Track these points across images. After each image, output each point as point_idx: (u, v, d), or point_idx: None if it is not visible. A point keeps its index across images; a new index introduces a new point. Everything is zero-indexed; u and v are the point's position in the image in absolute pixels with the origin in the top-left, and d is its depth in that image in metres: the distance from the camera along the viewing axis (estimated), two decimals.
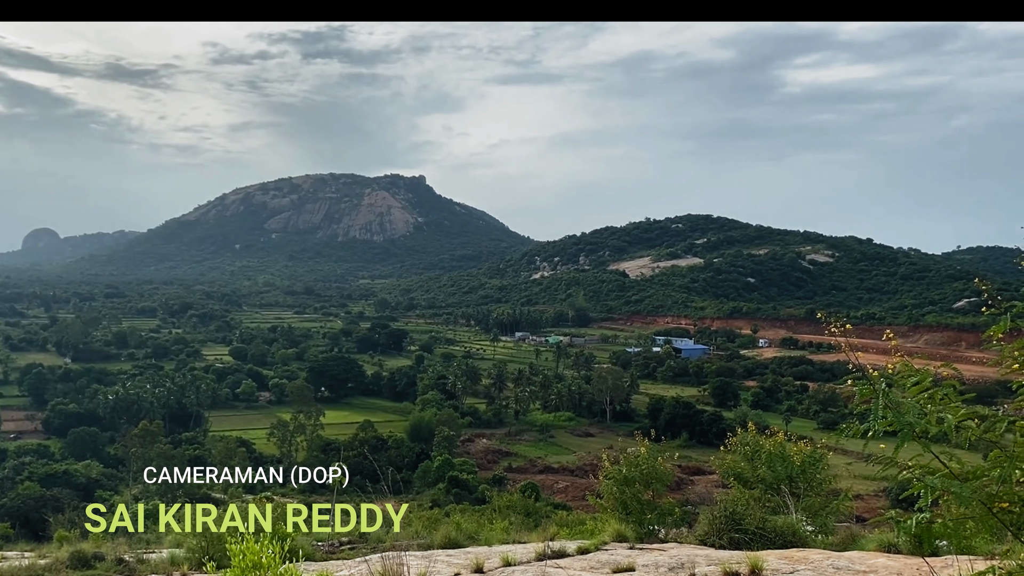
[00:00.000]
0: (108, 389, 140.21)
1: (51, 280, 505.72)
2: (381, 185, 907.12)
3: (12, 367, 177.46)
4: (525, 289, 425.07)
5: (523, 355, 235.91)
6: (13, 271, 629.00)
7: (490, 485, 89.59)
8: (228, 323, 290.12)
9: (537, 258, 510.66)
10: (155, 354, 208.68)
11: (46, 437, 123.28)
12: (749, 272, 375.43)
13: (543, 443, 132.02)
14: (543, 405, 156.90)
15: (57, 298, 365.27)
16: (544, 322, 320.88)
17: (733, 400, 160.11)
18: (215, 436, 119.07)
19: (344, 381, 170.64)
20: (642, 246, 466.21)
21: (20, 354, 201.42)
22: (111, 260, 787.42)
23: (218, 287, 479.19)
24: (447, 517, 38.23)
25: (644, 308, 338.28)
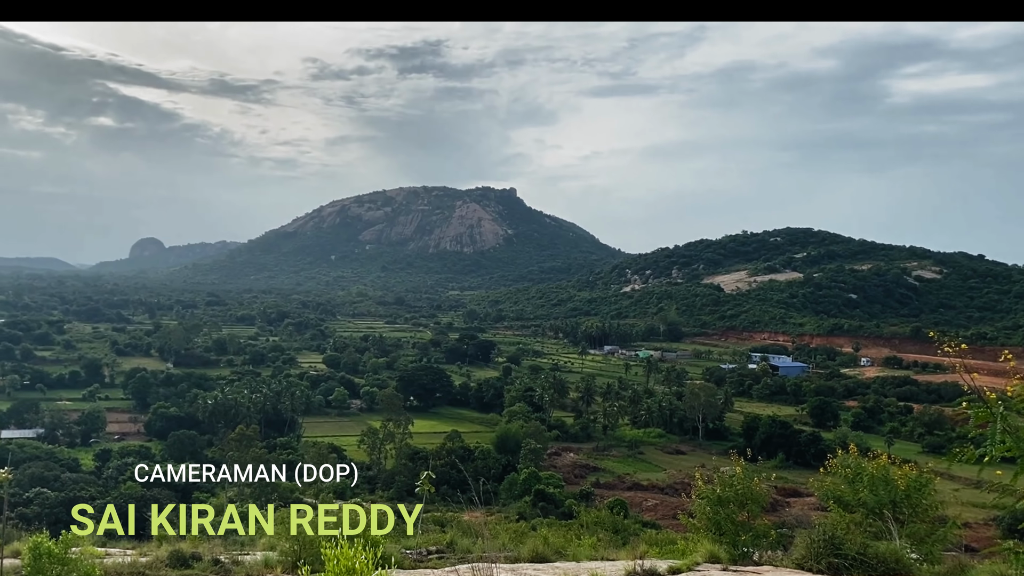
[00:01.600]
0: (207, 394, 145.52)
1: (156, 288, 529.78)
2: (472, 197, 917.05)
3: (118, 371, 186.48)
4: (615, 302, 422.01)
5: (612, 369, 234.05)
6: (121, 279, 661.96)
7: (577, 500, 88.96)
8: (322, 332, 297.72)
9: (628, 271, 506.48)
10: (253, 361, 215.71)
11: (148, 439, 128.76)
12: (851, 288, 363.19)
13: (632, 459, 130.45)
14: (632, 420, 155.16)
15: (161, 305, 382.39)
16: (634, 336, 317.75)
17: (832, 420, 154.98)
18: (308, 442, 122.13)
19: (432, 391, 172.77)
20: (738, 259, 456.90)
21: (125, 358, 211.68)
22: (213, 269, 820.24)
23: (313, 296, 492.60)
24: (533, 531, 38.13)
25: (739, 323, 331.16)
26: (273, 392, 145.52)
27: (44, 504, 73.00)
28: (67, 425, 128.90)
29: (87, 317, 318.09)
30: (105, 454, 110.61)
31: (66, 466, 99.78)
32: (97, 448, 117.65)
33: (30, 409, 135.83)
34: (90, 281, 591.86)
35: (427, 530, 29.75)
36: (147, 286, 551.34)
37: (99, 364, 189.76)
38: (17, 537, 22.01)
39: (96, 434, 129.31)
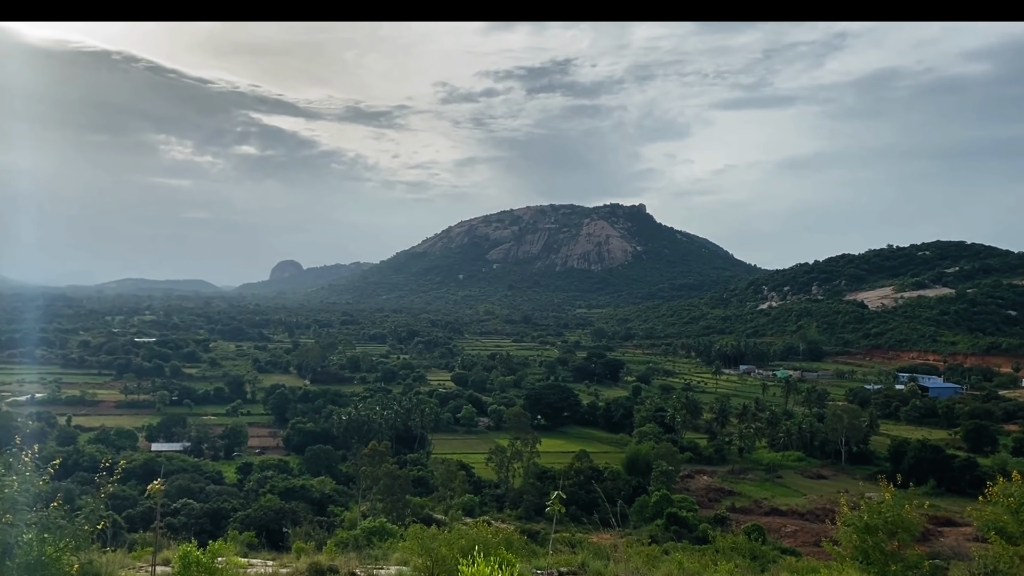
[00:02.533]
0: (342, 410, 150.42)
1: (294, 308, 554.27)
2: (600, 215, 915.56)
3: (259, 387, 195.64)
4: (751, 320, 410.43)
5: (748, 389, 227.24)
6: (262, 299, 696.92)
7: (711, 524, 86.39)
8: (451, 350, 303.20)
9: (764, 287, 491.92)
10: (384, 378, 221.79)
11: (286, 453, 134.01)
12: (1010, 304, 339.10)
13: (769, 483, 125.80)
14: (770, 443, 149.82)
15: (299, 324, 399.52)
16: (771, 355, 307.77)
17: (990, 445, 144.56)
18: (437, 458, 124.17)
19: (560, 410, 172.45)
20: (883, 275, 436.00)
21: (266, 375, 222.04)
22: (347, 289, 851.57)
23: (442, 315, 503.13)
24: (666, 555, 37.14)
25: (885, 342, 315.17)
26: (403, 409, 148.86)
27: (190, 515, 76.95)
28: (212, 439, 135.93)
29: (231, 336, 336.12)
30: (247, 467, 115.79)
31: (210, 478, 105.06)
32: (239, 461, 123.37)
33: (178, 423, 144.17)
34: (234, 302, 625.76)
35: (557, 550, 29.45)
36: (286, 306, 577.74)
37: (242, 381, 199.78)
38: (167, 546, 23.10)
39: (238, 448, 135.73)
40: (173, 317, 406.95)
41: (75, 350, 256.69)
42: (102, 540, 16.46)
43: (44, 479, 11.99)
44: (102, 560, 16.19)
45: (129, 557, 20.56)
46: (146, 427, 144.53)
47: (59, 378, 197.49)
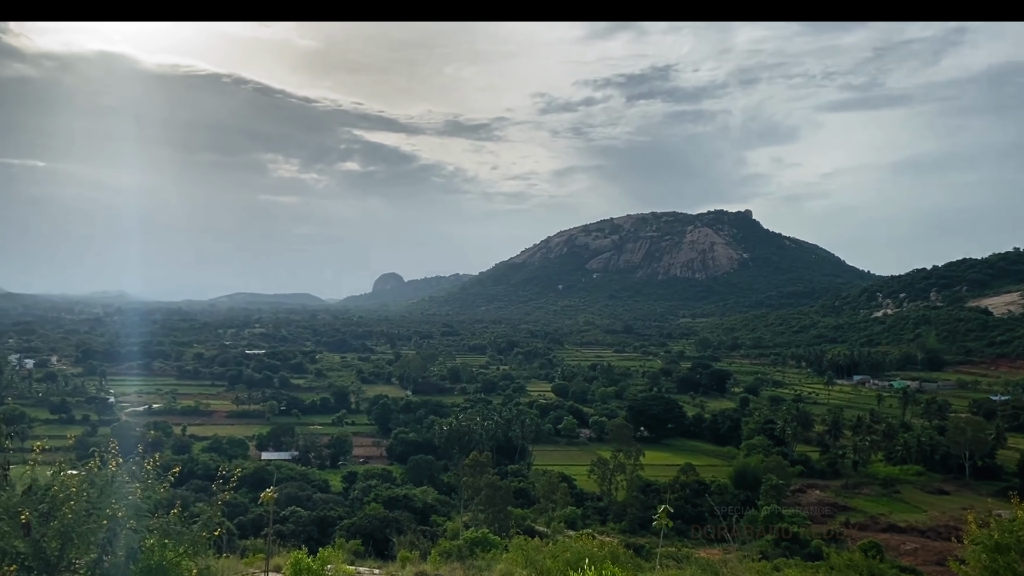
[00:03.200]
0: (443, 420, 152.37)
1: (396, 320, 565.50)
2: (704, 222, 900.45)
3: (363, 397, 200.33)
4: (864, 328, 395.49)
5: (862, 400, 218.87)
6: (365, 312, 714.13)
7: (825, 541, 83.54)
8: (550, 360, 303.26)
9: (879, 294, 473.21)
10: (484, 389, 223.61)
11: (389, 462, 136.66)
12: None
13: (886, 498, 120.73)
14: (886, 456, 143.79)
15: (401, 336, 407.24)
16: (887, 365, 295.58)
17: None
18: (538, 470, 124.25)
19: (664, 421, 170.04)
20: (1010, 280, 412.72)
21: (369, 386, 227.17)
22: (447, 301, 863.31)
23: (541, 326, 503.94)
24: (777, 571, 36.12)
25: (1012, 350, 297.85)
26: (504, 420, 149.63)
27: (298, 522, 79.31)
28: (318, 448, 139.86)
29: (336, 348, 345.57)
30: (352, 476, 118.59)
31: (317, 487, 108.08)
32: (344, 470, 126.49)
33: (286, 433, 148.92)
34: (338, 314, 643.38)
35: (664, 565, 29.03)
36: (388, 318, 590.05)
37: (346, 391, 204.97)
38: (277, 552, 23.84)
39: (343, 457, 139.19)
40: (281, 330, 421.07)
41: (190, 362, 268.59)
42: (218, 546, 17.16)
43: (164, 486, 12.61)
44: (218, 565, 16.89)
45: (242, 563, 21.35)
46: (256, 436, 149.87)
47: (175, 389, 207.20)
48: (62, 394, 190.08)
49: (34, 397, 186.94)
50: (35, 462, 12.36)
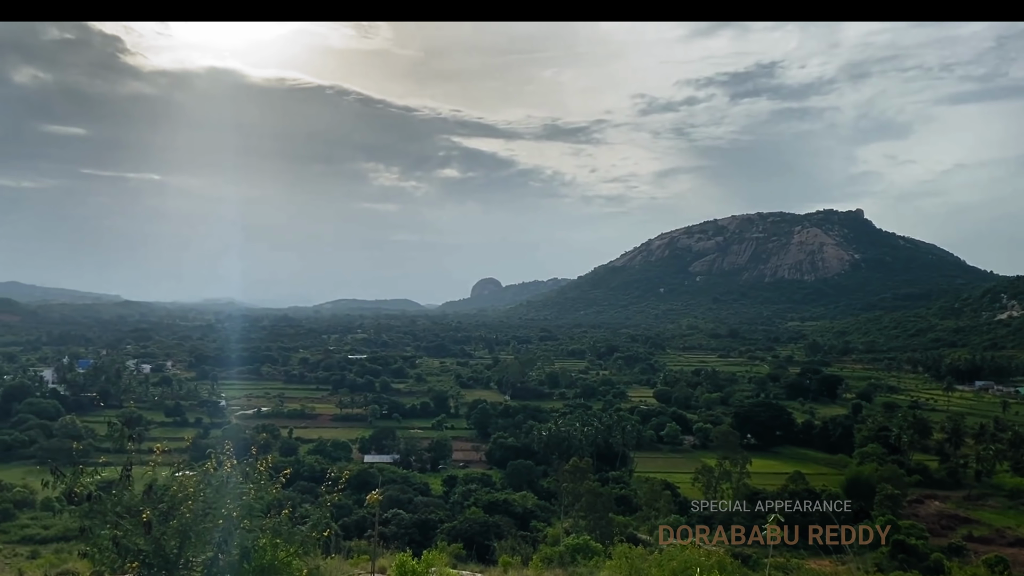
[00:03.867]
0: (542, 425, 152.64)
1: (494, 325, 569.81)
2: (812, 222, 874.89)
3: (462, 402, 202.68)
4: (988, 331, 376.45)
5: (985, 407, 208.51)
6: (464, 317, 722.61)
7: (946, 554, 79.97)
8: (652, 365, 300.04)
9: (1003, 295, 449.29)
10: (584, 394, 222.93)
11: (488, 467, 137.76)
12: None
13: (1014, 511, 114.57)
14: (1013, 467, 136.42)
15: (499, 341, 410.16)
16: (1013, 370, 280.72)
17: None
18: (640, 477, 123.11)
19: (771, 428, 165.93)
20: None
21: (468, 390, 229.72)
22: (545, 306, 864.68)
23: (642, 330, 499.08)
24: None
25: None
26: (604, 425, 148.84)
27: (400, 524, 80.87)
28: (419, 452, 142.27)
29: (435, 353, 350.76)
30: (451, 480, 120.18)
31: (418, 490, 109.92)
32: (444, 474, 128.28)
33: (388, 436, 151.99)
34: (437, 320, 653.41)
35: None
36: (486, 323, 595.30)
37: (446, 396, 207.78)
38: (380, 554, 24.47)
39: (443, 461, 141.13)
40: (382, 335, 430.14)
41: (296, 367, 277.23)
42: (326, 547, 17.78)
43: (276, 487, 13.17)
44: (326, 565, 17.49)
45: (348, 563, 22.01)
46: (359, 439, 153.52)
47: (282, 393, 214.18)
48: (176, 397, 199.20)
49: (150, 400, 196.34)
50: (155, 463, 13.11)
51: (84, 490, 12.60)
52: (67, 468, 13.21)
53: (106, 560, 12.33)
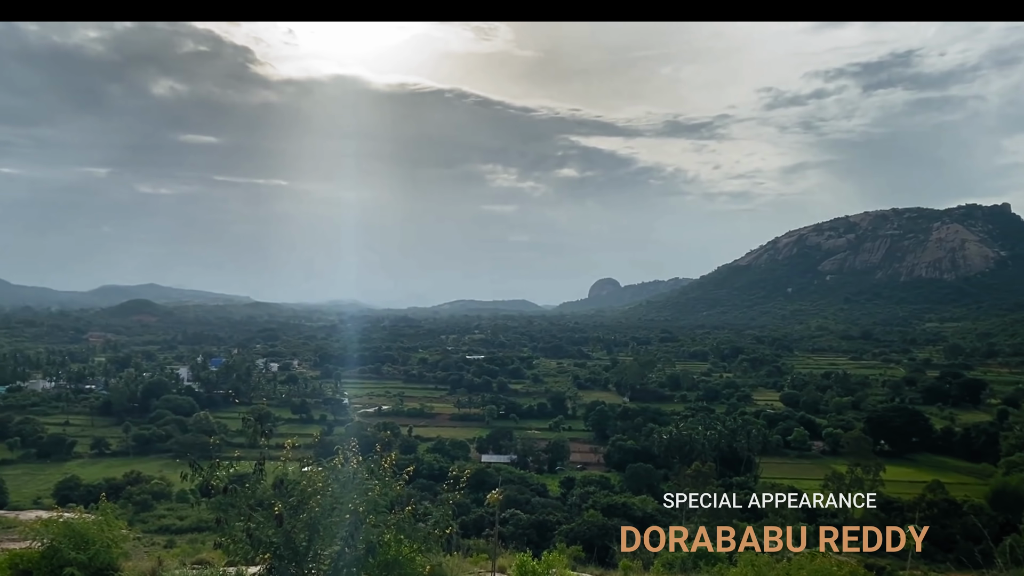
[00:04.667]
0: (662, 428, 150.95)
1: (612, 325, 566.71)
2: (953, 217, 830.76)
3: (579, 403, 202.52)
4: None
5: None
6: (581, 317, 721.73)
7: None
8: (779, 368, 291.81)
9: None
10: (706, 397, 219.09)
11: (607, 470, 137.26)
12: None
13: None
14: None
15: (617, 342, 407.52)
16: None
17: None
18: (765, 483, 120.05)
19: (907, 434, 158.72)
20: None
21: (586, 392, 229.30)
22: (665, 306, 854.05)
23: (768, 331, 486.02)
24: None
25: None
26: (728, 429, 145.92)
27: (518, 525, 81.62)
28: (536, 453, 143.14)
29: (552, 354, 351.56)
30: (569, 482, 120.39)
31: (535, 490, 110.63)
32: (562, 476, 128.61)
33: (505, 437, 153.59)
34: (554, 320, 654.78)
35: None
36: (604, 324, 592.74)
37: (563, 397, 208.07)
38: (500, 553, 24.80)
39: (561, 462, 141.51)
40: (499, 336, 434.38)
41: (415, 366, 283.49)
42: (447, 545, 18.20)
43: (400, 484, 13.61)
44: (448, 563, 17.91)
45: (467, 562, 22.42)
46: (476, 439, 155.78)
47: (402, 392, 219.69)
48: (302, 395, 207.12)
49: (278, 398, 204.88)
50: (286, 458, 13.76)
51: (220, 483, 13.36)
52: (203, 462, 14.02)
53: (240, 551, 13.02)
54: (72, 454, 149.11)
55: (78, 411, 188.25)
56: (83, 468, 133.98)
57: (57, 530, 16.63)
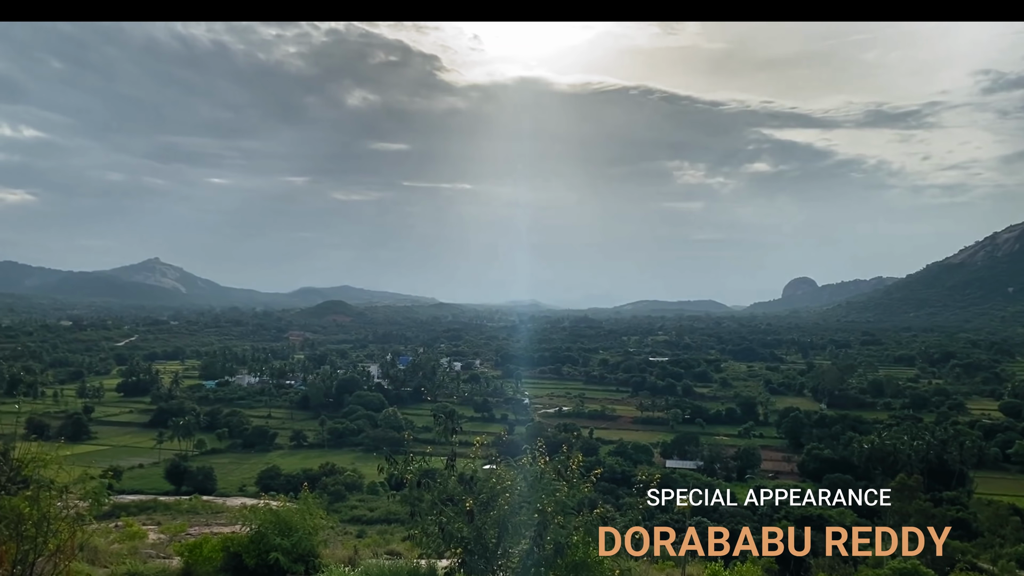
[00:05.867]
0: (863, 437, 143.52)
1: (808, 327, 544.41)
2: None
3: (771, 409, 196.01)
4: None
5: None
6: (774, 319, 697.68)
7: None
8: (997, 375, 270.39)
9: None
10: (912, 404, 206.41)
11: (801, 479, 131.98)
12: None
13: None
14: None
15: (813, 345, 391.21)
16: None
17: None
18: (981, 499, 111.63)
19: None
20: None
21: (778, 397, 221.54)
22: (867, 307, 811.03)
23: (985, 335, 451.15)
24: None
25: None
26: (937, 440, 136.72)
27: None
28: (724, 459, 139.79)
29: (741, 356, 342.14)
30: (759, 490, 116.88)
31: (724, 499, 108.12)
32: (752, 484, 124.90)
33: (690, 442, 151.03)
34: (744, 322, 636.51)
35: None
36: (799, 325, 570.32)
37: (753, 402, 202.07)
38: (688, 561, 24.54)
39: (751, 470, 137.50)
40: (684, 337, 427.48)
41: (596, 368, 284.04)
42: None
43: (587, 486, 13.78)
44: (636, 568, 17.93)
45: (655, 568, 22.33)
46: (660, 443, 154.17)
47: (582, 393, 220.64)
48: (484, 394, 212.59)
49: (461, 396, 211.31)
50: (475, 456, 14.26)
51: (413, 477, 14.04)
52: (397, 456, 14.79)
53: (431, 544, 13.64)
54: (273, 445, 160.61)
55: (279, 405, 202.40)
56: (283, 458, 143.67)
57: (263, 517, 17.99)
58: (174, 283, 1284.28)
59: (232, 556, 17.87)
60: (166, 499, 65.79)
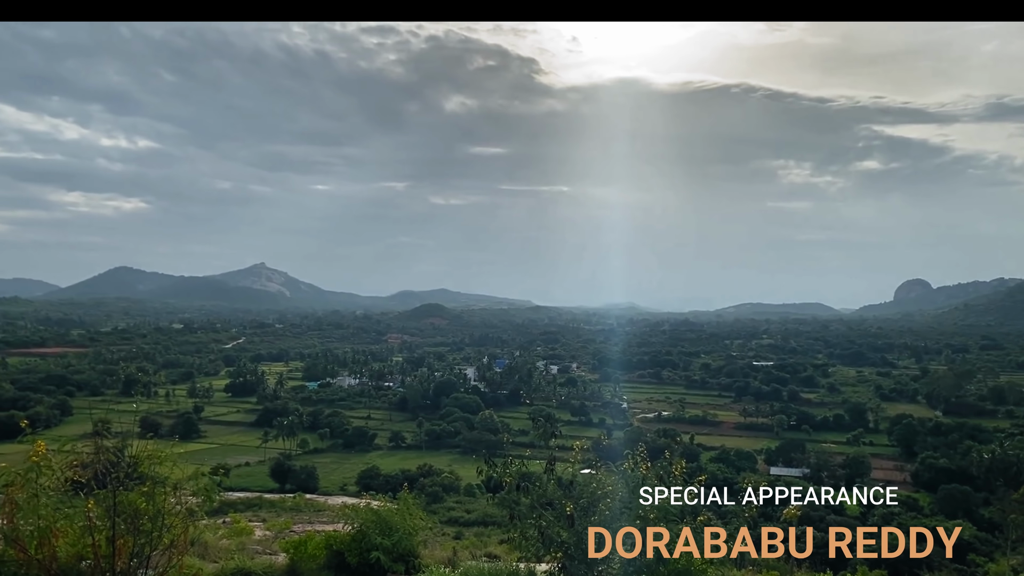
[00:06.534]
0: (983, 447, 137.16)
1: (922, 331, 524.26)
2: None
3: (882, 416, 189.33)
4: None
5: None
6: (885, 322, 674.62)
7: None
8: None
9: None
10: None
11: (914, 489, 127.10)
12: None
13: None
14: None
15: (928, 349, 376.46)
16: None
17: None
18: None
19: None
20: None
21: (890, 404, 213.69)
22: (988, 310, 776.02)
23: None
24: None
25: None
26: None
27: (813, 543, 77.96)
28: (832, 468, 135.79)
29: (850, 361, 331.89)
30: None
31: (831, 508, 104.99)
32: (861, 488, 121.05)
33: (796, 449, 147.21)
34: (853, 325, 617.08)
35: None
36: (912, 329, 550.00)
37: (863, 408, 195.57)
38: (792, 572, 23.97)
39: (860, 479, 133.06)
40: (790, 341, 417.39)
41: (697, 372, 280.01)
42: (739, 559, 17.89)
43: (690, 492, 13.58)
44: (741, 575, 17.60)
45: None
46: (764, 450, 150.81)
47: (683, 398, 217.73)
48: (581, 398, 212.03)
49: (558, 400, 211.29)
50: (575, 460, 14.22)
51: (512, 480, 14.09)
52: (496, 459, 14.87)
53: (530, 547, 13.68)
54: (372, 446, 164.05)
55: (378, 406, 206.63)
56: (382, 459, 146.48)
57: (365, 516, 18.37)
58: (279, 287, 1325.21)
59: (335, 554, 18.30)
60: (271, 497, 67.71)
